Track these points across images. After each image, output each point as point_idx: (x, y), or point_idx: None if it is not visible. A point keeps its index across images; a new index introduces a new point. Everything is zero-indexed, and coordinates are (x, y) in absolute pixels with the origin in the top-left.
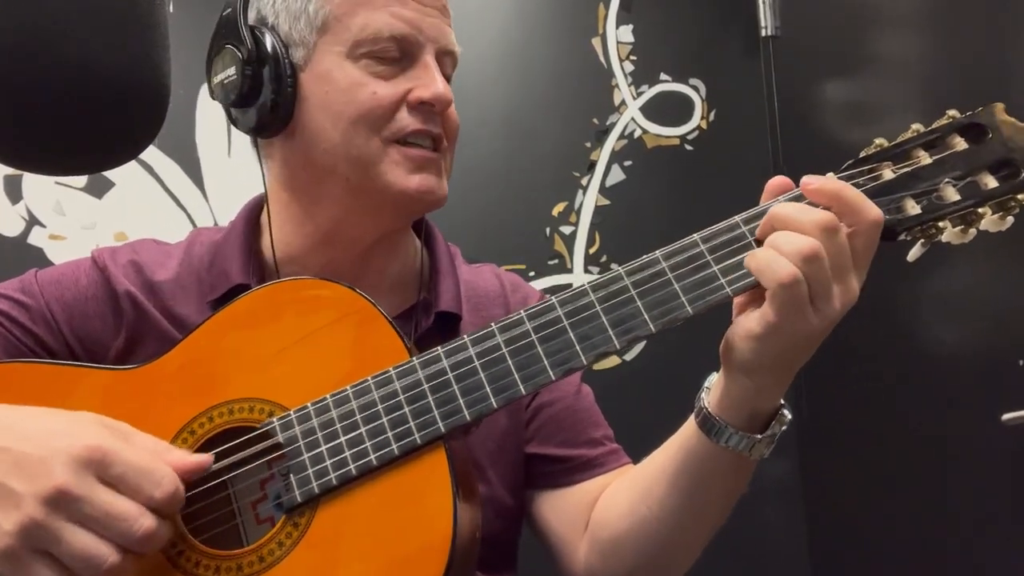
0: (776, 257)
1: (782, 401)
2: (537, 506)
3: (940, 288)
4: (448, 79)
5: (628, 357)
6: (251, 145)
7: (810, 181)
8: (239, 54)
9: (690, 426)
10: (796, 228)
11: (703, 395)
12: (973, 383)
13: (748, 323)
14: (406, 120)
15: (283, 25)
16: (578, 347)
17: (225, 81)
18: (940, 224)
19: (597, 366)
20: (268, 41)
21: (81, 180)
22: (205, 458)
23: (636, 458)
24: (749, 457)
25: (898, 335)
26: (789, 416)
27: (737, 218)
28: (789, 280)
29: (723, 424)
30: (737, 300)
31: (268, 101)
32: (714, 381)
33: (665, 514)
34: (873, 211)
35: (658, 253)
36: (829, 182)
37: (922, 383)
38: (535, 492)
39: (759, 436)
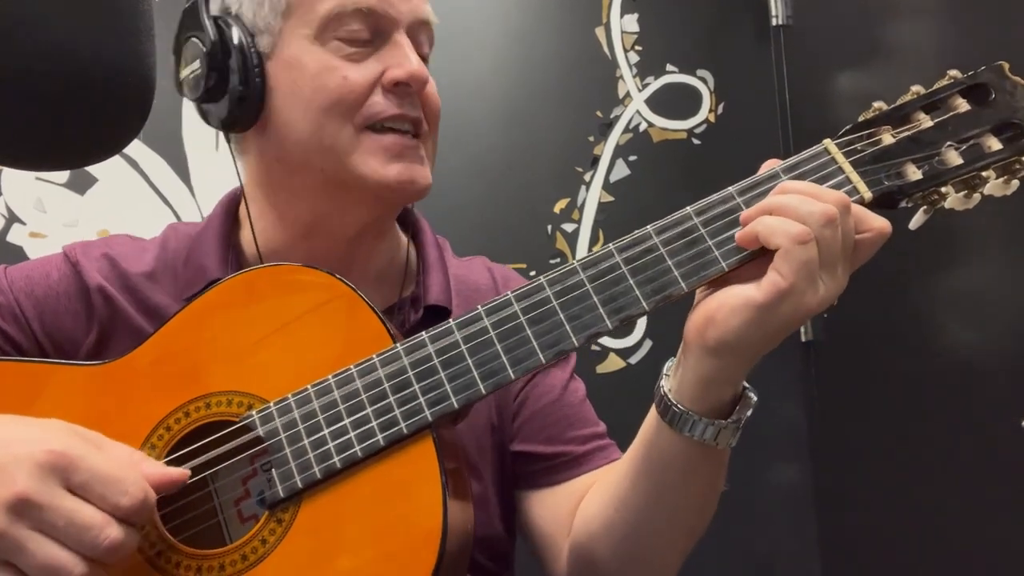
0: (784, 219)
1: (745, 384)
2: (523, 507)
3: (956, 288)
4: (426, 58)
5: (632, 360)
6: (224, 140)
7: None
8: (202, 46)
9: (652, 417)
10: (813, 196)
11: (662, 382)
12: (991, 387)
13: (746, 292)
14: (381, 104)
15: (247, 13)
16: (568, 327)
17: (191, 76)
18: (943, 190)
19: (601, 369)
20: (233, 31)
21: (63, 176)
22: (180, 472)
23: None
24: (716, 447)
25: (913, 337)
26: (755, 399)
27: (731, 189)
28: (806, 237)
29: (685, 411)
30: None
31: (236, 94)
32: (673, 367)
33: (632, 516)
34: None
35: (650, 228)
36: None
37: (938, 387)
38: (521, 492)
39: (724, 422)
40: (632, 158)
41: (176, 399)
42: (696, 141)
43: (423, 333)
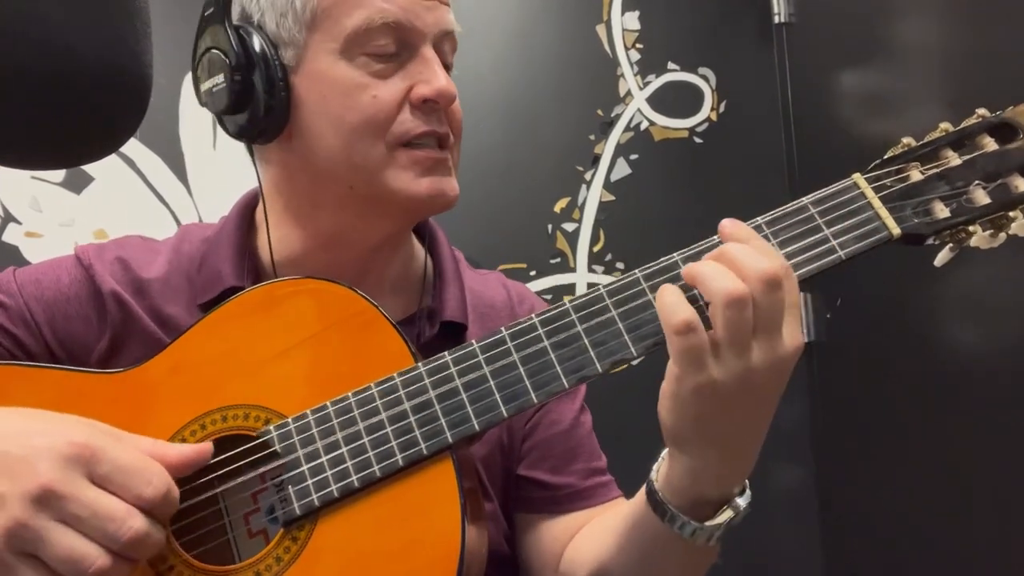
0: (677, 300)
1: (742, 488)
2: (519, 531)
3: (960, 288)
4: (449, 67)
5: (634, 360)
6: (246, 151)
7: (726, 226)
8: (226, 59)
9: (642, 494)
10: (736, 270)
11: (654, 465)
12: (995, 388)
13: (664, 382)
14: (409, 123)
15: (269, 23)
16: (593, 354)
17: (214, 89)
18: (970, 228)
19: None
20: (256, 42)
21: (59, 175)
22: (204, 447)
23: (639, 464)
24: (694, 543)
25: (916, 337)
26: (743, 505)
27: (759, 220)
28: (681, 328)
29: (666, 503)
30: None
31: (261, 107)
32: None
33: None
34: (778, 262)
35: (677, 256)
36: (741, 229)
37: (941, 387)
38: (519, 515)
39: (700, 525)
40: (633, 157)
41: (193, 411)
42: (698, 140)
43: (446, 354)
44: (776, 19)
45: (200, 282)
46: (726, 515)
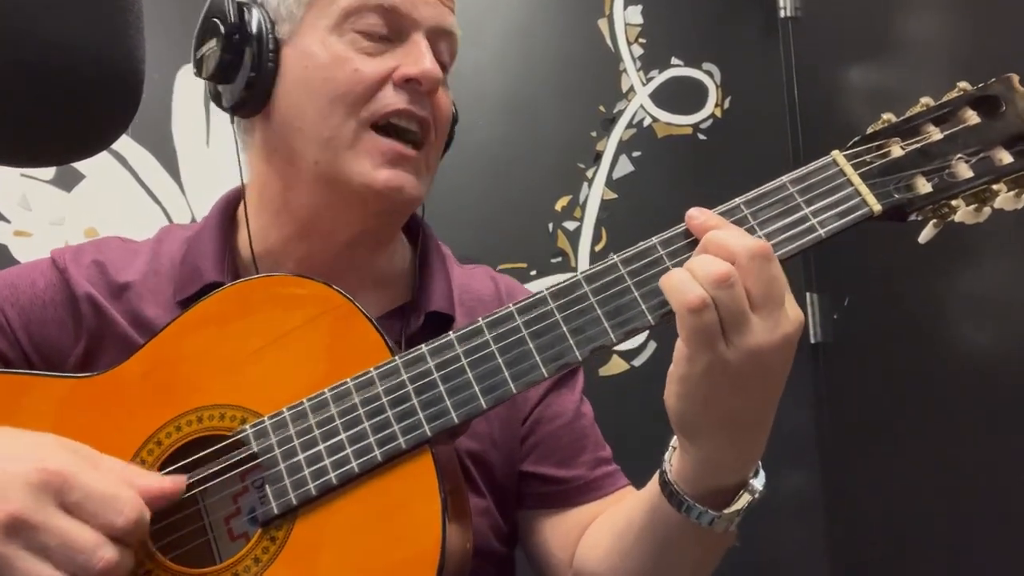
0: (688, 280)
1: (756, 471)
2: (530, 528)
3: (966, 289)
4: (445, 67)
5: (636, 363)
6: (231, 124)
7: (695, 215)
8: (222, 26)
9: (655, 483)
10: (718, 253)
11: (667, 455)
12: (1002, 389)
13: (671, 367)
14: (390, 99)
15: (271, 1)
16: (571, 341)
17: (207, 54)
18: (953, 203)
19: (604, 372)
20: (255, 16)
21: (48, 172)
22: (178, 481)
23: (643, 466)
24: (711, 531)
25: (922, 338)
26: (760, 488)
27: (738, 200)
28: (695, 305)
29: (681, 493)
30: None
31: (247, 77)
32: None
33: (633, 570)
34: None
35: (655, 240)
36: (712, 219)
37: (948, 389)
38: (529, 512)
39: (718, 513)
40: (636, 154)
41: (167, 412)
42: (702, 136)
43: (422, 346)
44: (781, 13)
45: (180, 279)
46: (744, 500)
